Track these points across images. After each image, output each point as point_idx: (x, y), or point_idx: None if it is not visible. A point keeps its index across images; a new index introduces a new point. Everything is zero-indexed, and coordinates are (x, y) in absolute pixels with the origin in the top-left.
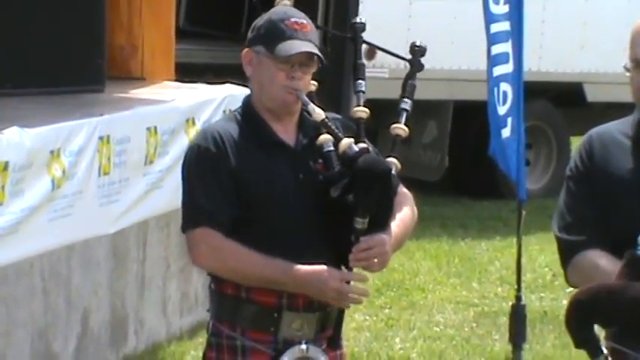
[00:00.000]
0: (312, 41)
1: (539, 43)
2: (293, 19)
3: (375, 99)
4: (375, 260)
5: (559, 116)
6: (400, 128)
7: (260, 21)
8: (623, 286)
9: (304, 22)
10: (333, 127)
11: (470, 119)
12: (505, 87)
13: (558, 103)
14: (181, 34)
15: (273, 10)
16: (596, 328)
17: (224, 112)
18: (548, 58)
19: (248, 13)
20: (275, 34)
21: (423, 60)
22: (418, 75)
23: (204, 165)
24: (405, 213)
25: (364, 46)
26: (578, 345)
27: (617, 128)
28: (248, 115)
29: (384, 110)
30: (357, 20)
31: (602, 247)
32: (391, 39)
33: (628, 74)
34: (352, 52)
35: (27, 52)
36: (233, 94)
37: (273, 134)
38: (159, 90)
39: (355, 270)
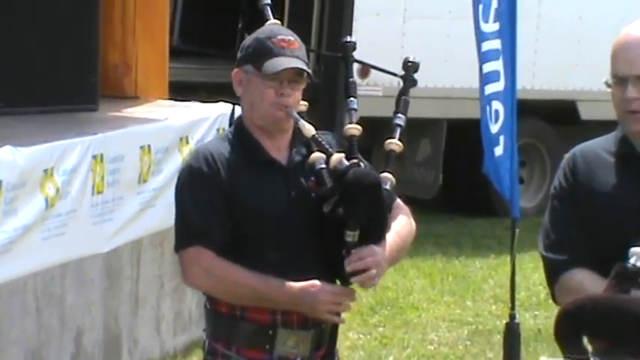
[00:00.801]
0: (300, 57)
1: (533, 61)
2: (280, 37)
3: (369, 117)
4: (373, 271)
5: (553, 134)
6: (394, 143)
7: (248, 40)
8: (610, 297)
9: (291, 39)
10: (323, 143)
11: (463, 137)
12: (497, 105)
13: (552, 120)
14: (175, 53)
15: (260, 29)
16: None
17: (217, 130)
18: (541, 75)
19: (241, 31)
20: (262, 52)
21: (416, 78)
22: (412, 93)
23: (197, 185)
24: (401, 226)
25: (358, 65)
26: (567, 357)
27: (600, 145)
28: (240, 134)
29: (378, 128)
30: (348, 39)
31: (588, 265)
32: (385, 57)
33: (609, 90)
34: (345, 71)
35: (20, 70)
36: (227, 113)
37: (265, 153)
38: (152, 109)
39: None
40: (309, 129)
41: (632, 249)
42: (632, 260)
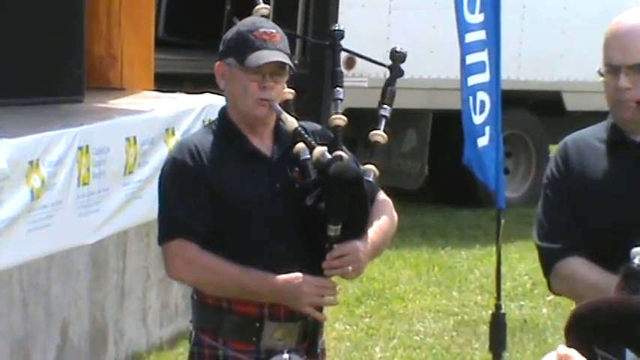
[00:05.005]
0: (281, 50)
1: (518, 52)
2: (262, 30)
3: (355, 108)
4: (350, 268)
5: (538, 125)
6: (379, 135)
7: (230, 33)
8: (624, 300)
9: (273, 31)
10: (306, 135)
11: (449, 128)
12: (482, 96)
13: (537, 111)
14: (160, 44)
15: (242, 21)
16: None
17: (203, 121)
18: (526, 66)
19: (227, 22)
20: (244, 45)
21: (403, 68)
22: (398, 84)
23: (180, 177)
24: (383, 220)
25: (344, 55)
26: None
27: (591, 134)
28: (224, 126)
29: (364, 119)
30: (336, 27)
31: (583, 253)
32: (371, 48)
33: (602, 79)
34: (331, 60)
35: (5, 62)
36: (212, 104)
37: (249, 144)
38: (138, 100)
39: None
40: (291, 122)
41: (633, 250)
42: (636, 261)
